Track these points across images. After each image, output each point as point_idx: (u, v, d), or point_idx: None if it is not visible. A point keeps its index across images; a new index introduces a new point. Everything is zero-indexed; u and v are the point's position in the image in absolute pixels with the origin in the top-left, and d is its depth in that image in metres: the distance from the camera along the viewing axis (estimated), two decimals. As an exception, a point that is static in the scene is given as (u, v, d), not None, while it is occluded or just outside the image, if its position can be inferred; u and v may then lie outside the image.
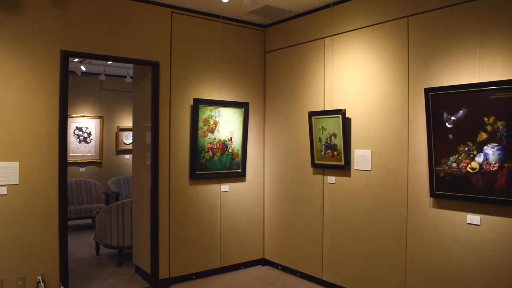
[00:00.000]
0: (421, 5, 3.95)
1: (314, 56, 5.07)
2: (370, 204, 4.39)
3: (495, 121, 3.30)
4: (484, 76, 3.46)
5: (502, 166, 3.28)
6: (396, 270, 4.14)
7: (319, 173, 4.98)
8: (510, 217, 3.32)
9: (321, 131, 4.78)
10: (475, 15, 3.55)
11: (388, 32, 4.25)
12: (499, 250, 3.39)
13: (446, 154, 3.61)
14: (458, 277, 3.65)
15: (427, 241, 3.88)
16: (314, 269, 5.07)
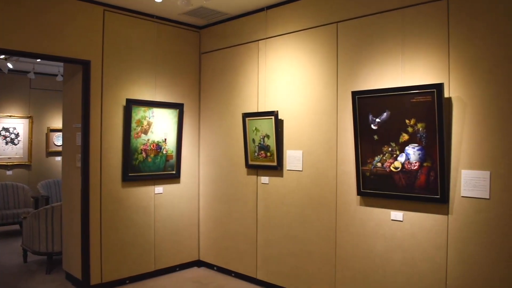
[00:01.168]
0: (349, 12, 4.10)
1: (248, 58, 5.11)
2: (301, 203, 4.48)
3: (415, 123, 3.48)
4: (406, 80, 3.64)
5: (422, 165, 3.46)
6: (326, 266, 4.26)
7: (253, 174, 5.02)
8: (429, 212, 3.52)
9: (255, 132, 4.82)
10: (399, 23, 3.73)
11: (319, 36, 4.36)
12: (419, 244, 3.58)
13: (372, 154, 3.76)
14: (383, 270, 3.81)
15: (355, 237, 4.02)
16: (248, 269, 5.10)
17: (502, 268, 3.16)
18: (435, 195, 3.40)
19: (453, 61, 3.41)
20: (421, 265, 3.57)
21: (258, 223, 4.97)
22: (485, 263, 3.24)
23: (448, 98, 3.41)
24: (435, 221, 3.49)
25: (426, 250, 3.54)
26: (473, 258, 3.30)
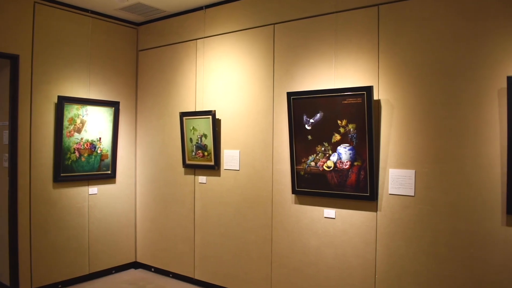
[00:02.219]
0: (286, 14, 4.18)
1: (186, 57, 5.08)
2: (238, 202, 4.52)
3: (347, 123, 3.61)
4: (338, 82, 3.77)
5: (353, 164, 3.60)
6: (263, 263, 4.32)
7: (190, 173, 5.00)
8: (360, 210, 3.67)
9: (192, 132, 4.80)
10: (332, 27, 3.85)
11: (256, 37, 4.42)
12: (351, 240, 3.72)
13: (306, 154, 3.86)
14: (316, 266, 3.92)
15: (290, 235, 4.11)
16: (186, 269, 5.07)
17: (424, 260, 3.36)
18: (365, 193, 3.55)
19: (382, 65, 3.57)
20: (352, 260, 3.71)
21: (195, 222, 4.95)
22: (410, 256, 3.43)
23: (377, 101, 3.57)
24: (365, 218, 3.65)
25: (357, 245, 3.69)
26: (399, 252, 3.48)
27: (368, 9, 3.68)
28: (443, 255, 3.30)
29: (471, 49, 3.20)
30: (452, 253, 3.26)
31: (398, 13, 3.52)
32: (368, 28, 3.67)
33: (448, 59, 3.28)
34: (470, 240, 3.19)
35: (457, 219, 3.24)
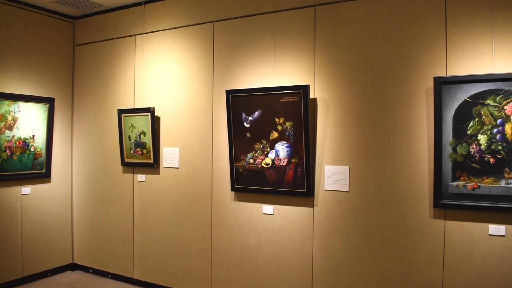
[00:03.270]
0: (225, 12, 4.15)
1: (125, 53, 4.93)
2: (178, 200, 4.45)
3: (284, 121, 3.64)
4: (276, 81, 3.79)
5: (290, 161, 3.64)
6: (203, 261, 4.28)
7: (129, 172, 4.86)
8: (297, 206, 3.72)
9: (131, 129, 4.67)
10: (271, 26, 3.86)
11: (196, 34, 4.35)
12: (288, 235, 3.76)
13: (245, 151, 3.86)
14: (256, 262, 3.93)
15: (229, 232, 4.09)
16: (125, 269, 4.93)
17: (359, 253, 3.46)
18: (302, 189, 3.59)
19: (319, 65, 3.63)
20: (290, 255, 3.75)
21: (135, 222, 4.82)
22: (345, 250, 3.52)
23: (313, 99, 3.62)
24: (302, 214, 3.70)
25: (295, 240, 3.73)
26: (335, 246, 3.56)
27: (305, 9, 3.72)
28: (376, 247, 3.41)
29: (401, 51, 3.31)
30: (384, 245, 3.38)
31: (334, 14, 3.59)
32: (305, 28, 3.71)
33: (381, 60, 3.39)
34: (401, 233, 3.32)
35: (389, 213, 3.36)
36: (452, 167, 3.09)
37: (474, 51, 3.09)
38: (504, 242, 3.02)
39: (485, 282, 3.07)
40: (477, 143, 3.01)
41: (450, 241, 3.16)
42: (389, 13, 3.37)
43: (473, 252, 3.10)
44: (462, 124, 3.04)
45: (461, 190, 3.07)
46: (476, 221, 3.09)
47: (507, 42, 2.99)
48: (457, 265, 3.15)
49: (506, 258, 3.02)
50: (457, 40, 3.14)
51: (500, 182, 2.97)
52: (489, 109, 2.97)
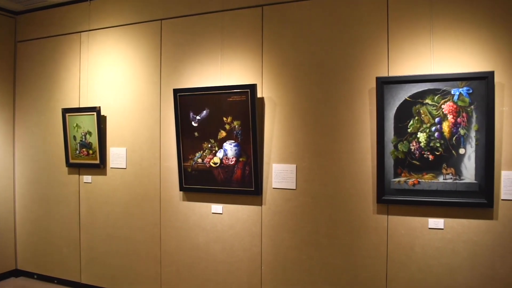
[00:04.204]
0: (173, 10, 4.06)
1: (70, 51, 4.72)
2: (126, 201, 4.31)
3: (232, 120, 3.60)
4: (224, 80, 3.75)
5: (238, 160, 3.61)
6: (152, 262, 4.18)
7: (74, 173, 4.66)
8: (246, 204, 3.69)
9: (76, 129, 4.48)
10: (219, 25, 3.81)
11: (143, 32, 4.24)
12: (237, 234, 3.73)
13: (193, 150, 3.80)
14: (206, 262, 3.88)
15: (178, 232, 4.01)
16: (72, 274, 4.73)
17: (306, 249, 3.48)
18: (250, 187, 3.58)
19: (266, 64, 3.62)
20: (240, 253, 3.73)
21: (81, 224, 4.64)
22: (293, 246, 3.53)
23: (261, 98, 3.61)
24: (250, 212, 3.68)
25: (244, 239, 3.71)
26: (283, 243, 3.56)
27: (253, 9, 3.70)
28: (323, 243, 3.44)
29: (345, 52, 3.36)
30: (331, 241, 3.42)
31: (281, 14, 3.59)
32: (253, 27, 3.69)
33: (326, 60, 3.42)
34: (347, 228, 3.37)
35: (335, 210, 3.40)
36: (394, 164, 3.16)
37: (414, 53, 3.18)
38: (443, 234, 3.13)
39: (426, 274, 3.17)
40: (417, 140, 3.10)
41: (393, 235, 3.25)
42: (334, 15, 3.41)
43: (414, 245, 3.20)
44: (403, 123, 3.12)
45: (403, 186, 3.15)
46: (417, 215, 3.19)
47: (444, 45, 3.10)
48: (400, 258, 3.23)
49: (444, 250, 3.13)
50: (398, 42, 3.22)
51: (438, 178, 3.07)
52: (428, 108, 3.07)
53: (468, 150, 3.00)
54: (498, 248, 3.03)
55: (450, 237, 3.12)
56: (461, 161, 3.02)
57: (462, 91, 2.99)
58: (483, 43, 3.05)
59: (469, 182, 3.01)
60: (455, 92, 3.00)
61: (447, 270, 3.13)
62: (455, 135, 3.02)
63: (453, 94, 3.01)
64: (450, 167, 3.05)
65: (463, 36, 3.08)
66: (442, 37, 3.12)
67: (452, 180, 3.05)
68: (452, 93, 3.01)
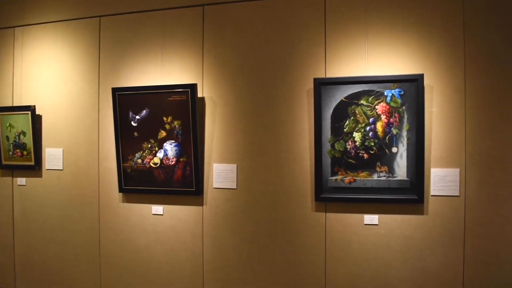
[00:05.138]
0: (112, 7, 3.93)
1: (3, 46, 4.45)
2: (63, 204, 4.13)
3: (172, 120, 3.54)
4: (165, 79, 3.68)
5: (179, 160, 3.55)
6: (91, 267, 4.02)
7: (7, 175, 4.41)
8: (187, 205, 3.64)
9: (9, 129, 4.24)
10: (160, 24, 3.74)
11: (81, 29, 4.07)
12: (179, 235, 3.67)
13: (132, 151, 3.70)
14: (147, 264, 3.79)
15: (118, 235, 3.90)
16: (6, 281, 4.47)
17: (247, 248, 3.49)
18: (191, 188, 3.53)
19: (207, 64, 3.59)
20: (181, 254, 3.67)
21: (15, 229, 4.39)
22: (234, 246, 3.53)
23: (201, 98, 3.57)
24: (192, 212, 3.63)
25: (185, 240, 3.66)
26: (225, 242, 3.55)
27: (194, 8, 3.66)
28: (264, 242, 3.46)
29: (285, 53, 3.40)
30: (271, 239, 3.44)
31: (221, 14, 3.57)
32: (194, 27, 3.65)
33: (265, 61, 3.44)
34: (287, 227, 3.40)
35: (275, 208, 3.43)
36: (331, 163, 3.23)
37: (350, 55, 3.26)
38: (378, 230, 3.23)
39: (362, 268, 3.27)
40: (352, 140, 3.18)
41: (331, 232, 3.32)
42: (274, 16, 3.44)
43: (351, 241, 3.28)
44: (340, 123, 3.20)
45: (340, 184, 3.23)
46: (353, 212, 3.27)
47: (378, 48, 3.21)
48: (338, 254, 3.31)
49: (379, 244, 3.23)
50: (335, 44, 3.30)
51: (373, 176, 3.17)
52: (363, 108, 3.15)
53: (400, 149, 3.12)
54: (428, 242, 3.17)
55: (384, 232, 3.23)
56: (394, 159, 3.13)
57: (394, 92, 3.10)
58: (413, 47, 3.18)
59: (401, 179, 3.13)
60: (388, 93, 3.11)
61: (382, 263, 3.24)
62: (388, 134, 3.12)
63: (386, 95, 3.11)
64: (384, 165, 3.15)
65: (396, 40, 3.20)
66: (376, 41, 3.22)
67: (385, 178, 3.15)
68: (385, 95, 3.11)
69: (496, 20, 3.06)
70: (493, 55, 3.06)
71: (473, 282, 3.11)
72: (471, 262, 3.12)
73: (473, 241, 3.11)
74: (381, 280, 3.24)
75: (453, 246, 3.14)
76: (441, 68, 3.14)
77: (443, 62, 3.14)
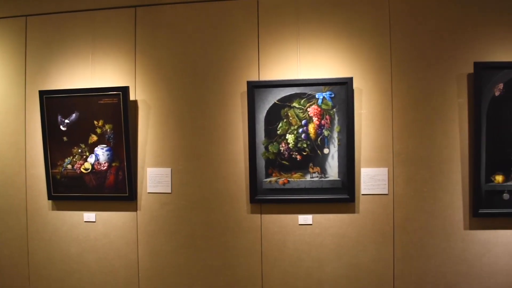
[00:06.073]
0: (40, 6, 3.73)
1: None
2: (-13, 214, 3.88)
3: (103, 124, 3.42)
4: (96, 82, 3.55)
5: (111, 165, 3.44)
6: (19, 278, 3.79)
7: None
8: (120, 211, 3.53)
9: None
10: (89, 25, 3.59)
11: (6, 29, 3.82)
12: (112, 242, 3.55)
13: (62, 156, 3.53)
14: (79, 274, 3.63)
15: (48, 244, 3.70)
16: None
17: (184, 252, 3.44)
18: (124, 193, 3.43)
19: (139, 66, 3.50)
20: (115, 262, 3.55)
21: None
22: (170, 250, 3.46)
23: (134, 101, 3.48)
24: (125, 218, 3.53)
25: (119, 247, 3.54)
26: (160, 248, 3.47)
27: (125, 9, 3.56)
28: (200, 245, 3.42)
29: (219, 56, 3.38)
30: (208, 243, 3.41)
31: (154, 16, 3.50)
32: (126, 28, 3.55)
33: (200, 64, 3.41)
34: (223, 229, 3.38)
35: (210, 211, 3.40)
36: (265, 165, 3.25)
37: (282, 58, 3.30)
38: (312, 229, 3.29)
39: (297, 267, 3.31)
40: (286, 142, 3.21)
41: (267, 233, 3.33)
42: (207, 18, 3.42)
43: (286, 241, 3.31)
44: (273, 125, 3.22)
45: (274, 186, 3.25)
46: (288, 212, 3.31)
47: (310, 52, 3.27)
48: (273, 254, 3.33)
49: (313, 244, 3.29)
50: (268, 47, 3.32)
51: (306, 177, 3.22)
52: (295, 111, 3.20)
53: (331, 150, 3.19)
54: (360, 239, 3.27)
55: (318, 232, 3.29)
56: (326, 160, 3.20)
57: (325, 95, 3.17)
58: (344, 51, 3.26)
59: (333, 180, 3.20)
60: (319, 96, 3.17)
61: (317, 262, 3.29)
62: (320, 136, 3.18)
63: (317, 98, 3.17)
64: (316, 166, 3.21)
65: (327, 45, 3.27)
66: (308, 45, 3.28)
67: (318, 178, 3.21)
68: (317, 97, 3.17)
69: (420, 26, 3.22)
70: (417, 59, 3.21)
71: (403, 275, 3.24)
72: (400, 256, 3.24)
73: (402, 237, 3.24)
74: (316, 278, 3.30)
75: (383, 242, 3.25)
76: (369, 71, 3.25)
77: (372, 66, 3.25)
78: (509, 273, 3.19)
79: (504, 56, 3.16)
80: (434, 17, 3.22)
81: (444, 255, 3.22)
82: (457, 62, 3.19)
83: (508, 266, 3.19)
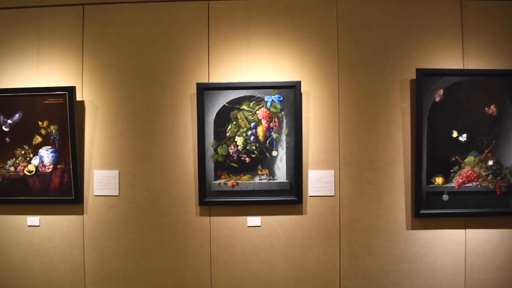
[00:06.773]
0: (-18, 2, 3.61)
1: None
2: None
3: (48, 125, 3.32)
4: (41, 81, 3.44)
5: (56, 167, 3.34)
6: (-43, 286, 3.64)
7: None
8: (66, 214, 3.43)
9: None
10: (35, 22, 3.48)
11: None
12: (57, 247, 3.45)
13: (4, 158, 3.40)
14: (22, 280, 3.50)
15: (-11, 250, 3.57)
16: None
17: (132, 256, 3.38)
18: (70, 196, 3.34)
19: (87, 66, 3.42)
20: (60, 267, 3.45)
21: None
22: (118, 254, 3.40)
23: (81, 101, 3.40)
24: (71, 222, 3.43)
25: (64, 251, 3.44)
26: (107, 252, 3.40)
27: (73, 7, 3.47)
28: (148, 249, 3.38)
29: (168, 57, 3.36)
30: (156, 246, 3.37)
31: (103, 15, 3.43)
32: (73, 27, 3.46)
33: (149, 65, 3.37)
34: (171, 232, 3.36)
35: (159, 214, 3.36)
36: (214, 167, 3.25)
37: (232, 61, 3.32)
38: (260, 231, 3.32)
39: (246, 269, 3.33)
40: (235, 144, 3.23)
41: (216, 235, 3.33)
42: (156, 19, 3.38)
43: (235, 243, 3.33)
44: (222, 127, 3.23)
45: (223, 188, 3.26)
46: (237, 214, 3.32)
47: (259, 55, 3.31)
48: (222, 256, 3.33)
49: (262, 245, 3.32)
50: (218, 50, 3.33)
51: (254, 179, 3.24)
52: (244, 113, 3.22)
53: (280, 152, 3.23)
54: (307, 240, 3.32)
55: (267, 233, 3.32)
56: (274, 163, 3.23)
57: (274, 98, 3.20)
58: (292, 56, 3.31)
59: (281, 181, 3.24)
60: (268, 99, 3.20)
61: (265, 263, 3.32)
62: (269, 138, 3.22)
63: (266, 101, 3.20)
64: (265, 168, 3.24)
65: (276, 49, 3.31)
66: (258, 48, 3.31)
67: (267, 180, 3.24)
68: (266, 100, 3.20)
69: (366, 33, 3.31)
70: (363, 64, 3.30)
71: (349, 275, 3.32)
72: (346, 256, 3.32)
73: (348, 237, 3.32)
74: (265, 280, 3.33)
75: (330, 243, 3.32)
76: (317, 75, 3.31)
77: (319, 70, 3.31)
78: (448, 271, 3.33)
79: (444, 63, 3.30)
80: (380, 25, 3.32)
81: (387, 255, 3.33)
82: (400, 68, 3.31)
83: (447, 264, 3.33)
